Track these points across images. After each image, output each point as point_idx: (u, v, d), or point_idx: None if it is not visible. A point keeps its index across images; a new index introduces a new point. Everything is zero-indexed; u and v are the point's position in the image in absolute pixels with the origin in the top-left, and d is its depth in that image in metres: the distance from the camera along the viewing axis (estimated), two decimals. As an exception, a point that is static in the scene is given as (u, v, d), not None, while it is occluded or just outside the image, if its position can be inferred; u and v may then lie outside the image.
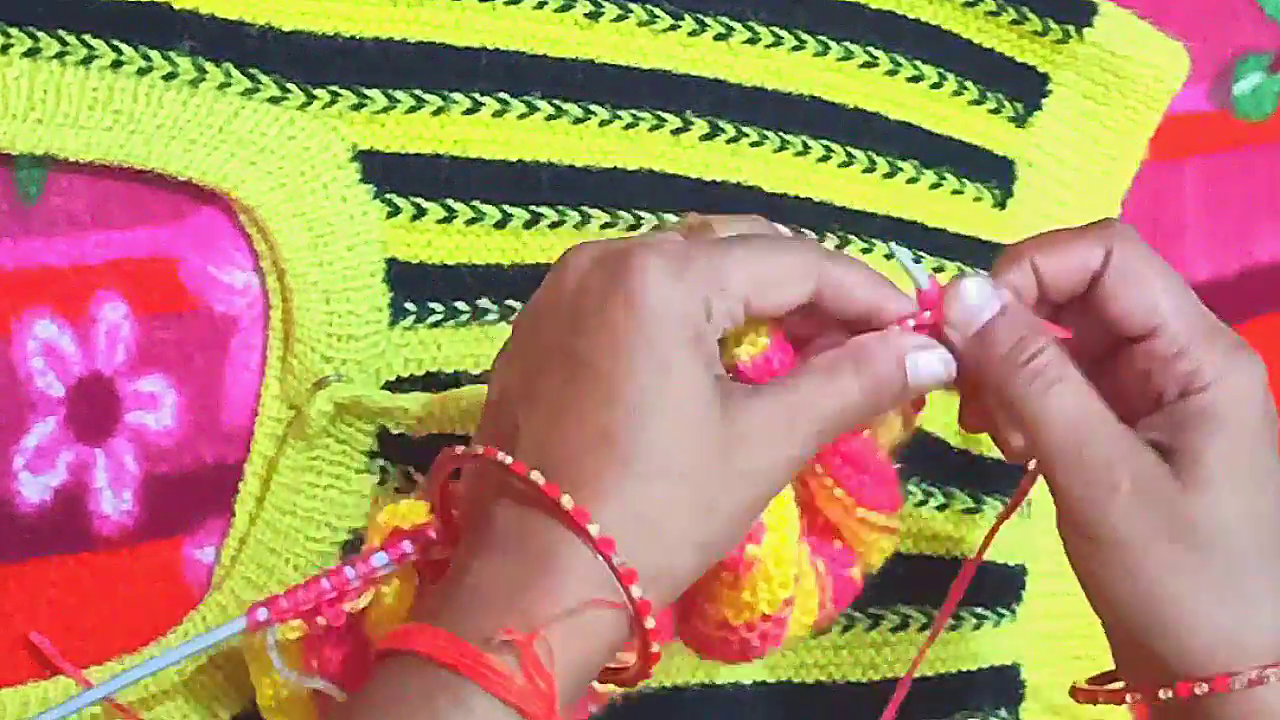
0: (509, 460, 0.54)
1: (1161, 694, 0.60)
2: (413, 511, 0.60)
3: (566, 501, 0.53)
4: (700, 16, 0.75)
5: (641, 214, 0.73)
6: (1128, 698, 0.62)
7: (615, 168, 0.73)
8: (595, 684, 0.59)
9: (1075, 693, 0.66)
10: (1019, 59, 0.82)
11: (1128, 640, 0.62)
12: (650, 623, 0.54)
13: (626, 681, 0.57)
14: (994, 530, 0.69)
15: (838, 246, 0.76)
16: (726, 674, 0.76)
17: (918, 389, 0.60)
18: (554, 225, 0.72)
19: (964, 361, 0.61)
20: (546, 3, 0.72)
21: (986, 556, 0.80)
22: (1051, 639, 0.83)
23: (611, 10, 0.73)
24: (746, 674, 0.76)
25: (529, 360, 0.57)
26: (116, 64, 0.65)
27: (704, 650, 0.64)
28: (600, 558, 0.53)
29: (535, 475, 0.54)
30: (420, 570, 0.60)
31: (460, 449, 0.57)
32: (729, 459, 0.55)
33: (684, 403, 0.54)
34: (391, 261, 0.70)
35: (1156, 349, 0.61)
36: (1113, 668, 0.65)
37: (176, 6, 0.66)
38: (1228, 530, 0.59)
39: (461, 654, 0.52)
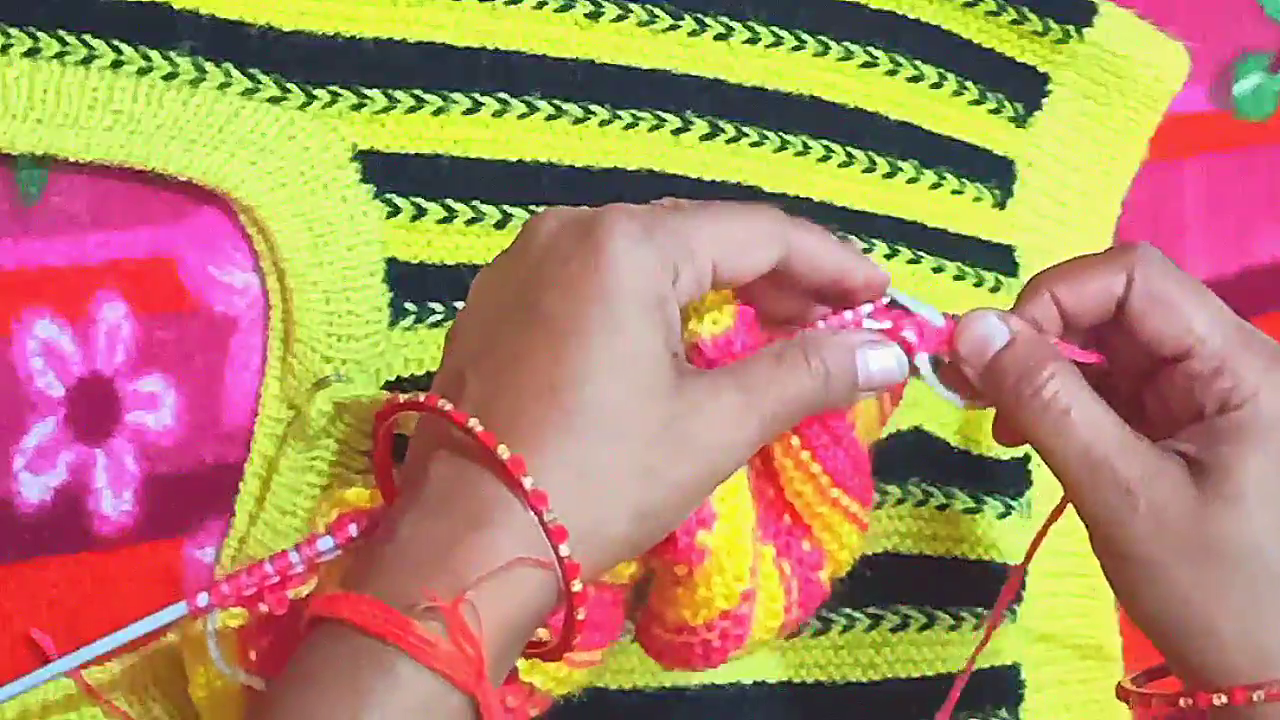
0: (448, 407, 0.54)
1: (1182, 702, 0.61)
2: (359, 498, 0.60)
3: (502, 451, 0.52)
4: (700, 16, 0.75)
5: (641, 214, 0.73)
6: (1181, 701, 0.62)
7: (615, 168, 0.73)
8: (537, 684, 0.58)
9: (1121, 693, 0.66)
10: (1019, 59, 0.82)
11: (1164, 649, 0.62)
12: (577, 586, 0.53)
13: (549, 654, 0.56)
14: (1040, 535, 0.69)
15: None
16: (727, 674, 0.76)
17: (868, 385, 0.60)
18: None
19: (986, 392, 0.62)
20: (546, 3, 0.72)
21: (988, 557, 0.80)
22: (1051, 639, 0.83)
23: (611, 10, 0.73)
24: (747, 674, 0.76)
25: (487, 315, 0.56)
26: (116, 64, 0.65)
27: (666, 658, 0.63)
28: (532, 513, 0.52)
29: (473, 422, 0.53)
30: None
31: (403, 397, 0.56)
32: (676, 428, 0.54)
33: (636, 363, 0.54)
34: (391, 261, 0.69)
35: (1194, 368, 0.61)
36: (1120, 675, 0.65)
37: (176, 6, 0.66)
38: (1256, 546, 0.59)
39: (386, 620, 0.51)
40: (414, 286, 0.70)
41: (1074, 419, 0.60)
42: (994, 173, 0.82)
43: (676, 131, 0.74)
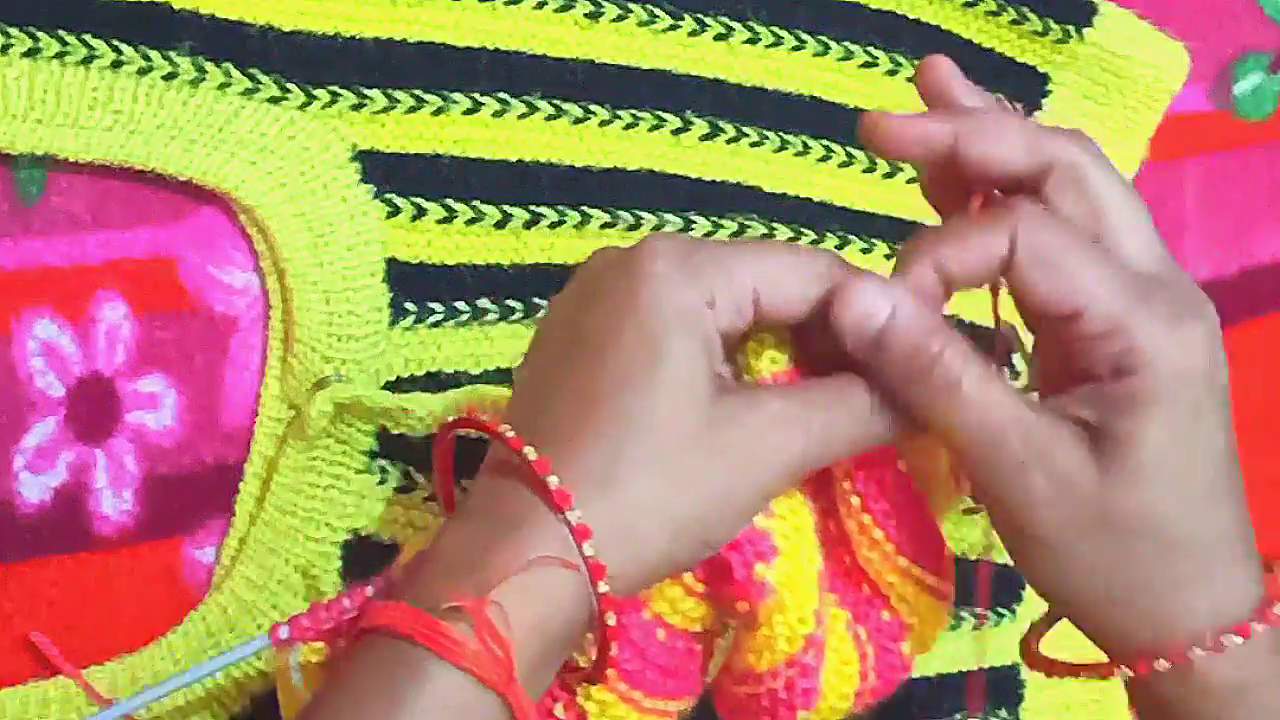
0: (485, 418, 0.55)
1: (1083, 675, 0.61)
2: None
3: (529, 452, 0.53)
4: (700, 16, 0.75)
5: (641, 214, 0.73)
6: (1083, 674, 0.62)
7: (615, 168, 0.73)
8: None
9: (1028, 656, 0.65)
10: (1019, 59, 0.82)
11: (1074, 622, 0.61)
12: (604, 587, 0.53)
13: (590, 676, 0.56)
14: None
15: (838, 247, 0.76)
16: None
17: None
18: (554, 225, 0.72)
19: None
20: (546, 3, 0.72)
21: (986, 557, 0.80)
22: (1052, 639, 0.82)
23: (611, 10, 0.73)
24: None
25: (542, 346, 0.58)
26: (116, 64, 0.65)
27: (737, 716, 0.61)
28: (558, 515, 0.52)
29: (504, 427, 0.54)
30: None
31: (453, 418, 0.58)
32: (713, 437, 0.54)
33: (671, 373, 0.54)
34: (391, 261, 0.70)
35: (1084, 329, 0.57)
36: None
37: (176, 6, 0.66)
38: (1157, 517, 0.57)
39: (416, 622, 0.52)
40: (414, 286, 0.70)
41: (965, 391, 0.57)
42: (994, 173, 0.82)
43: (676, 131, 0.74)
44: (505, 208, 0.71)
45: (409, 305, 0.70)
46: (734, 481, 0.55)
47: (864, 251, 0.77)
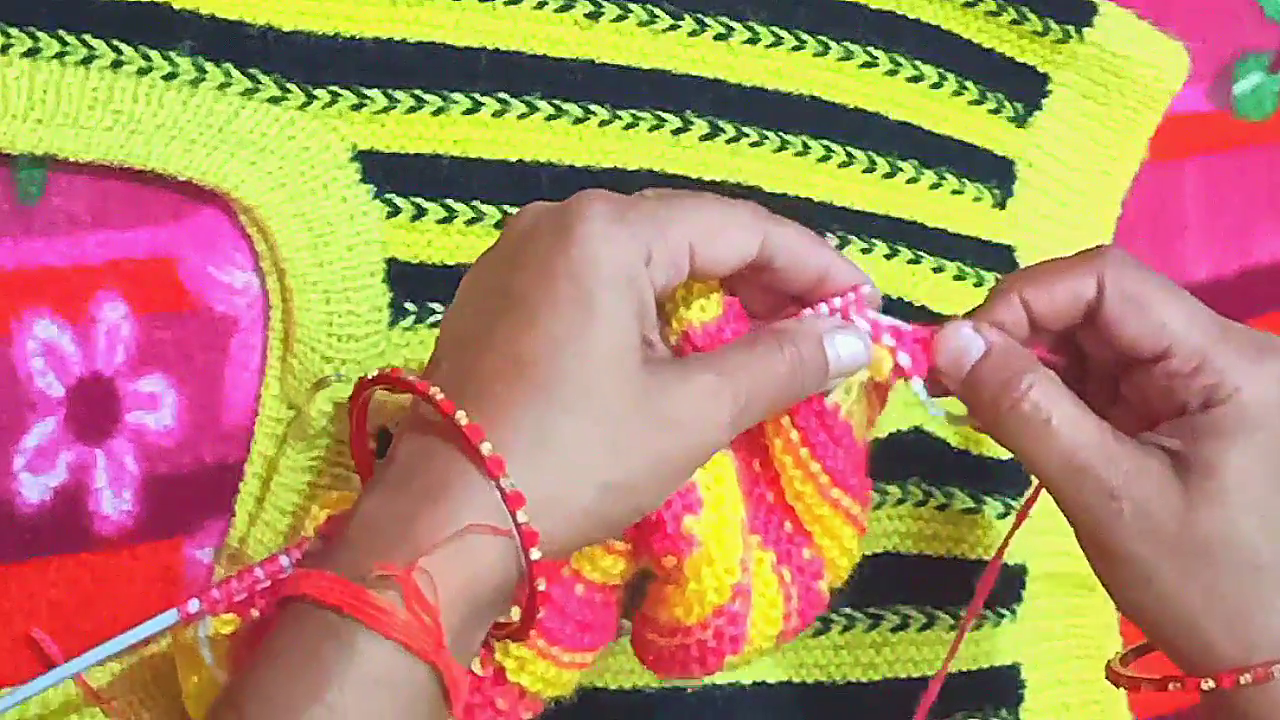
0: (411, 378, 0.54)
1: (1170, 686, 0.62)
2: (345, 500, 0.59)
3: (461, 417, 0.52)
4: (700, 16, 0.75)
5: (641, 214, 0.73)
6: (1170, 686, 0.63)
7: (615, 168, 0.73)
8: (526, 685, 0.58)
9: (1111, 675, 0.66)
10: (1019, 59, 0.82)
11: (1154, 639, 0.63)
12: (536, 554, 0.52)
13: (517, 634, 0.56)
14: (1015, 528, 0.69)
15: (838, 247, 0.76)
16: (726, 674, 0.76)
17: (839, 370, 0.61)
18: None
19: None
20: (546, 3, 0.72)
21: (986, 557, 0.80)
22: (1051, 639, 0.83)
23: (611, 10, 0.73)
24: (746, 674, 0.76)
25: (466, 307, 0.57)
26: (116, 64, 0.65)
27: (662, 666, 0.63)
28: (490, 482, 0.52)
29: (434, 390, 0.53)
30: None
31: (372, 373, 0.57)
32: (646, 404, 0.54)
33: (605, 339, 0.54)
34: (391, 261, 0.70)
35: (1173, 366, 0.61)
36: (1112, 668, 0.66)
37: (176, 6, 0.66)
38: (1241, 541, 0.60)
39: (342, 592, 0.51)
40: (414, 286, 0.70)
41: (1055, 427, 0.60)
42: (994, 173, 0.82)
43: (676, 131, 0.74)
44: (505, 208, 0.71)
45: (409, 305, 0.70)
46: (667, 450, 0.55)
47: (864, 251, 0.77)
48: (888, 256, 0.77)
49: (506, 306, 0.55)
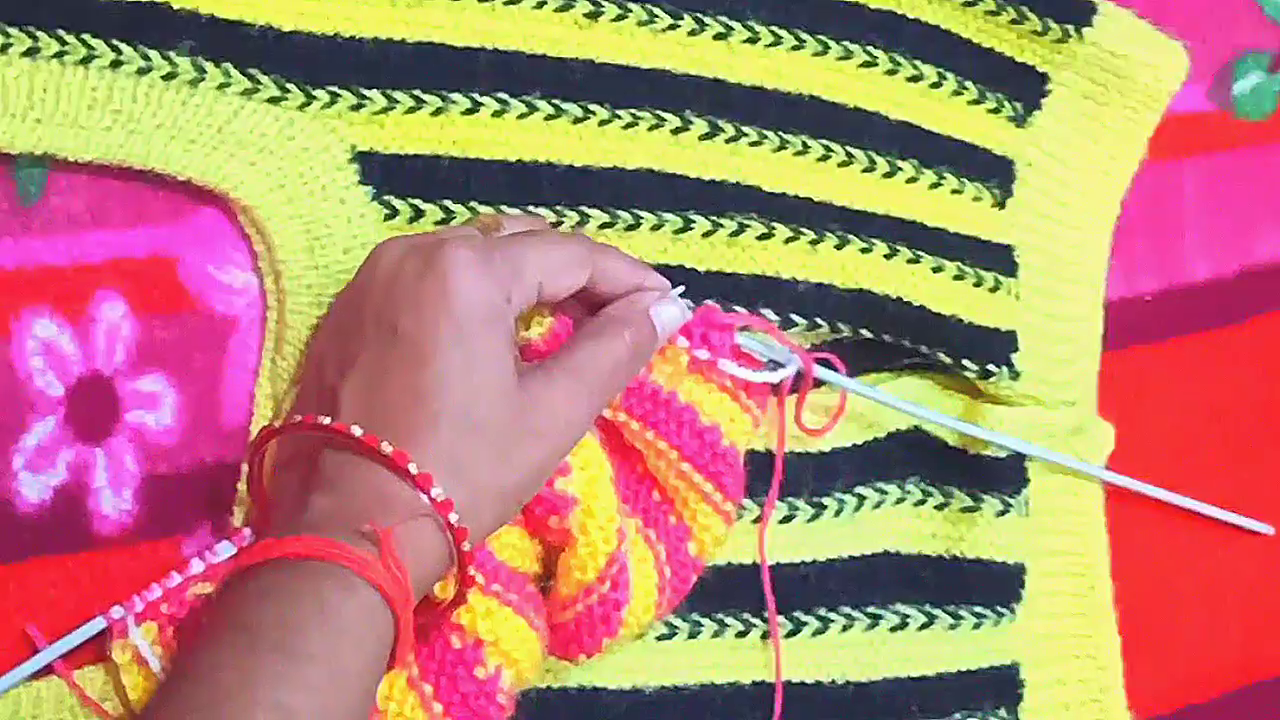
0: (328, 421, 0.62)
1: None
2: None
3: (385, 447, 0.61)
4: (700, 16, 0.75)
5: (641, 214, 0.73)
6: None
7: (615, 167, 0.73)
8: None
9: None
10: (1019, 59, 0.82)
11: None
12: (467, 545, 0.62)
13: (444, 611, 0.64)
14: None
15: (837, 246, 0.76)
16: (726, 674, 0.76)
17: (666, 334, 0.70)
18: (553, 225, 0.72)
19: None
20: (546, 3, 0.72)
21: (986, 556, 0.80)
22: (1051, 639, 0.83)
23: (611, 10, 0.73)
24: (746, 673, 0.76)
25: (346, 335, 0.64)
26: (116, 64, 0.65)
27: (566, 647, 0.69)
28: (421, 493, 0.61)
29: (355, 429, 0.61)
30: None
31: (277, 423, 0.65)
32: (523, 419, 0.64)
33: (486, 370, 0.63)
34: (390, 262, 0.69)
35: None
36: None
37: (176, 6, 0.66)
38: None
39: (329, 546, 0.59)
40: (413, 286, 0.70)
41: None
42: (993, 172, 0.82)
43: (676, 131, 0.74)
44: (504, 208, 0.71)
45: (408, 305, 0.70)
46: (546, 453, 0.66)
47: (863, 251, 0.76)
48: (887, 256, 0.77)
49: (395, 346, 0.62)
